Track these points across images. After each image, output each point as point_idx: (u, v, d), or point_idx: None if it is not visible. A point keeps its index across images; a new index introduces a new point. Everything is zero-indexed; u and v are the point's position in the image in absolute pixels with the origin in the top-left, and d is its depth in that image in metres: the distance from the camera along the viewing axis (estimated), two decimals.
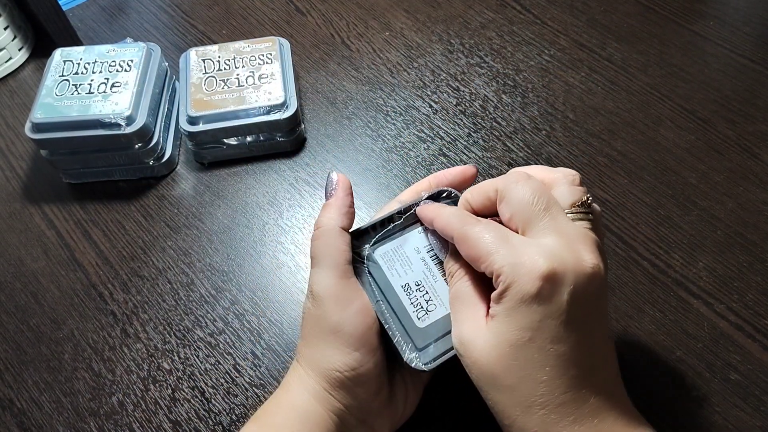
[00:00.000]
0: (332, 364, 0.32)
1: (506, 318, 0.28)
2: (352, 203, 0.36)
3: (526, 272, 0.28)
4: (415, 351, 0.33)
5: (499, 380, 0.29)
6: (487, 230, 0.30)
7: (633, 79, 0.57)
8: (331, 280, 0.33)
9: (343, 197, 0.35)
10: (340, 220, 0.34)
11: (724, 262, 0.45)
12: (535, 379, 0.28)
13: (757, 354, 0.40)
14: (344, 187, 0.36)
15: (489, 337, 0.29)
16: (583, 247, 0.29)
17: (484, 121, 0.55)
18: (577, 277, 0.28)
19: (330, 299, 0.32)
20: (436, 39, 0.62)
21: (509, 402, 0.29)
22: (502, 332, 0.28)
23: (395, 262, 0.35)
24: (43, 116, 0.47)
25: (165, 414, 0.40)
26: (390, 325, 0.33)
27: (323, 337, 0.33)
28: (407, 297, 0.34)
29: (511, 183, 0.31)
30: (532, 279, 0.27)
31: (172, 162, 0.53)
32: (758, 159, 0.50)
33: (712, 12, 0.62)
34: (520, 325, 0.28)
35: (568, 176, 0.32)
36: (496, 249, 0.29)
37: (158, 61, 0.53)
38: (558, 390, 0.28)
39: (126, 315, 0.45)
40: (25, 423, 0.41)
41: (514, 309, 0.28)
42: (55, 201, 0.52)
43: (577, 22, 0.62)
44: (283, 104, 0.50)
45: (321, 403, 0.33)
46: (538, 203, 0.30)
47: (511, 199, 0.31)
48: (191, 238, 0.49)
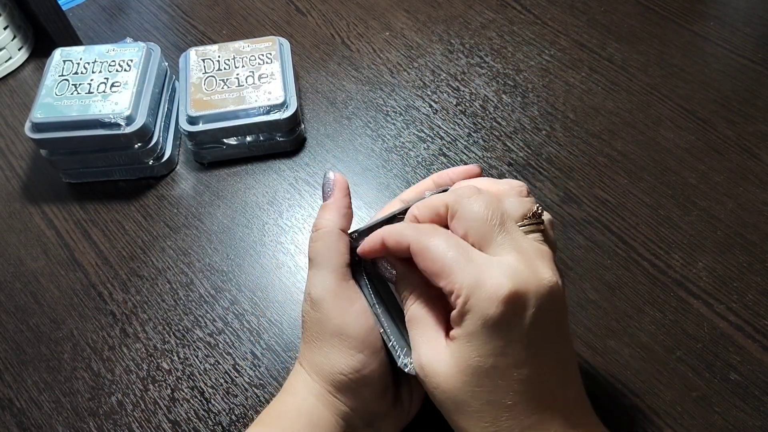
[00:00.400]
0: (336, 368, 0.32)
1: (467, 343, 0.27)
2: (350, 204, 0.35)
3: (488, 295, 0.27)
4: (410, 355, 0.32)
5: (463, 405, 0.28)
6: (448, 243, 0.28)
7: (633, 80, 0.57)
8: (331, 282, 0.32)
9: (341, 198, 0.35)
10: (339, 222, 0.34)
11: (724, 262, 0.45)
12: (500, 404, 0.27)
13: (757, 354, 0.40)
14: (342, 188, 0.35)
15: (451, 361, 0.28)
16: (540, 263, 0.28)
17: (484, 121, 0.54)
18: (538, 298, 0.27)
19: (330, 302, 0.32)
20: (436, 39, 0.62)
21: (473, 427, 0.28)
22: (464, 357, 0.28)
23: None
24: (42, 116, 0.47)
25: (164, 414, 0.40)
26: (385, 329, 0.33)
27: (326, 340, 0.32)
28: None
29: (463, 198, 0.30)
30: (495, 302, 0.26)
31: (172, 162, 0.53)
32: (758, 159, 0.50)
33: (712, 12, 0.62)
34: (483, 351, 0.27)
35: (515, 188, 0.32)
36: (457, 265, 0.28)
37: (158, 61, 0.53)
38: (523, 414, 0.27)
39: (125, 315, 0.45)
40: (24, 423, 0.41)
41: (476, 333, 0.27)
42: (55, 201, 0.52)
43: (577, 22, 0.62)
44: (283, 104, 0.50)
45: (327, 406, 0.32)
46: (492, 219, 0.29)
47: (464, 215, 0.29)
48: (191, 238, 0.49)
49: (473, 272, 0.27)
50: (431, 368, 0.29)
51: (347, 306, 0.32)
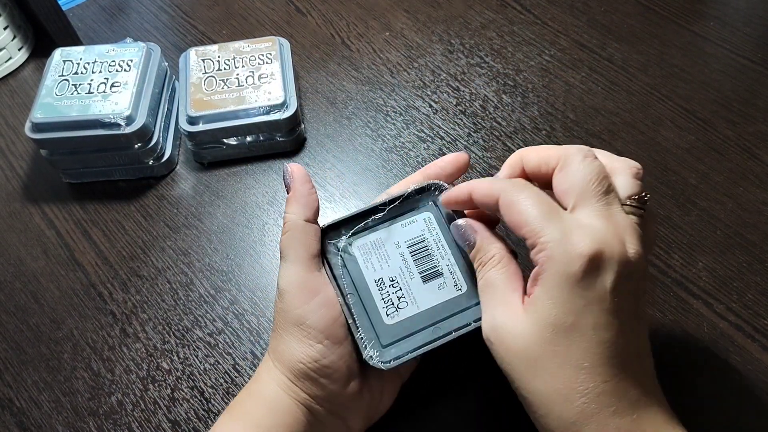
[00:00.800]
0: (295, 356, 0.32)
1: (548, 299, 0.28)
2: (311, 190, 0.35)
3: (571, 250, 0.27)
4: (378, 348, 0.33)
5: (538, 366, 0.28)
6: (537, 198, 0.29)
7: (633, 80, 0.57)
8: (295, 273, 0.33)
9: (300, 188, 0.35)
10: (303, 213, 0.34)
11: (724, 262, 0.45)
12: (577, 365, 0.27)
13: (756, 354, 0.40)
14: (299, 177, 0.35)
15: (528, 321, 0.28)
16: (629, 237, 0.29)
17: (484, 121, 0.54)
18: (621, 264, 0.27)
19: (292, 292, 0.33)
20: (436, 39, 0.62)
21: (547, 390, 0.27)
22: (544, 315, 0.27)
23: (372, 256, 0.35)
24: (42, 116, 0.47)
25: (164, 414, 0.40)
26: (354, 320, 0.33)
27: (287, 329, 0.33)
28: (379, 292, 0.34)
29: (577, 156, 0.30)
30: (578, 259, 0.27)
31: (172, 162, 0.53)
32: (758, 159, 0.50)
33: (713, 12, 0.62)
34: (563, 309, 0.27)
35: (632, 168, 0.32)
36: (544, 219, 0.28)
37: (158, 61, 0.53)
38: (599, 378, 0.27)
39: (125, 315, 0.45)
40: (24, 422, 0.41)
41: (557, 289, 0.27)
42: (55, 201, 0.52)
43: (577, 22, 0.62)
44: (283, 104, 0.50)
45: (288, 393, 0.33)
46: (598, 185, 0.29)
47: (572, 172, 0.30)
48: (191, 238, 0.49)
49: (559, 228, 0.28)
50: (505, 329, 0.29)
51: (310, 297, 0.33)
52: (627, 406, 0.27)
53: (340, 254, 0.35)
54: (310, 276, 0.33)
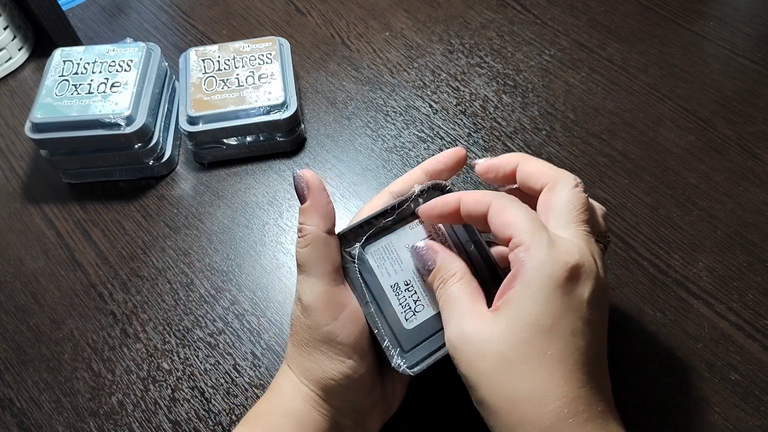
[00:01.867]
0: (327, 373, 0.32)
1: (529, 298, 0.28)
2: (328, 200, 0.33)
3: (557, 256, 0.28)
4: (403, 355, 0.33)
5: (512, 367, 0.27)
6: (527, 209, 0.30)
7: (633, 79, 0.57)
8: (321, 288, 0.32)
9: (319, 198, 0.33)
10: (323, 224, 0.32)
11: (724, 262, 0.45)
12: (553, 368, 0.27)
13: (757, 354, 0.40)
14: (317, 186, 0.33)
15: (502, 323, 0.28)
16: (599, 261, 0.31)
17: (485, 121, 0.54)
18: (596, 280, 0.29)
19: (320, 309, 0.32)
20: (436, 39, 0.62)
21: (520, 393, 0.27)
22: (523, 313, 0.28)
23: (386, 261, 0.34)
24: (42, 116, 0.47)
25: (165, 414, 0.40)
26: (379, 330, 0.33)
27: (316, 346, 0.32)
28: (396, 298, 0.34)
29: (570, 182, 0.32)
30: (563, 264, 0.28)
31: (172, 162, 0.53)
32: (758, 159, 0.50)
33: (712, 12, 0.62)
34: (544, 309, 0.27)
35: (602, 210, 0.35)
36: (533, 224, 0.29)
37: (158, 61, 0.53)
38: (574, 383, 0.27)
39: (126, 315, 0.45)
40: (24, 423, 0.41)
41: (539, 289, 0.28)
42: (55, 201, 0.52)
43: (577, 22, 0.62)
44: (283, 104, 0.50)
45: (315, 407, 0.33)
46: (582, 213, 0.31)
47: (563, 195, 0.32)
48: (191, 238, 0.49)
49: (546, 236, 0.29)
50: (475, 333, 0.29)
51: (337, 312, 0.32)
52: (596, 416, 0.27)
53: (356, 263, 0.34)
54: (336, 290, 0.32)
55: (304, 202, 0.33)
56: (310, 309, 0.32)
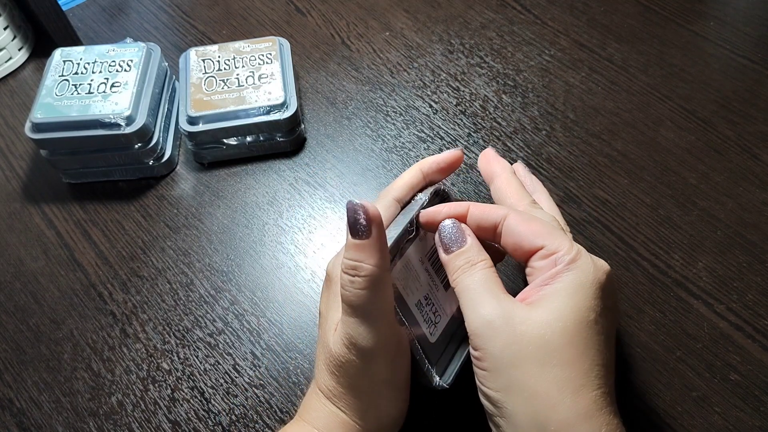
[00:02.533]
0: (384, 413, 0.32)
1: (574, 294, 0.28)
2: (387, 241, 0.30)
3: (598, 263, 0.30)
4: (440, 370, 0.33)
5: (554, 353, 0.27)
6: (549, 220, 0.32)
7: (633, 80, 0.57)
8: (383, 333, 0.30)
9: (381, 236, 0.29)
10: (383, 263, 0.29)
11: (724, 262, 0.45)
12: (594, 358, 0.28)
13: (756, 354, 0.40)
14: (380, 224, 0.29)
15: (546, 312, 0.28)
16: None
17: (485, 121, 0.54)
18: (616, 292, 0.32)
19: (383, 354, 0.30)
20: (436, 39, 0.62)
21: (560, 379, 0.27)
22: (569, 307, 0.28)
23: (408, 280, 0.33)
24: (42, 116, 0.47)
25: (164, 414, 0.40)
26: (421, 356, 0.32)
27: (375, 391, 0.32)
28: (421, 315, 0.33)
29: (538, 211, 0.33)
30: (603, 271, 0.30)
31: (172, 162, 0.53)
32: (758, 159, 0.50)
33: (713, 12, 0.62)
34: (587, 305, 0.28)
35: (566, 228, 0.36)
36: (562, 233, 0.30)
37: (158, 61, 0.53)
38: (606, 378, 0.28)
39: (125, 315, 0.45)
40: (24, 423, 0.41)
41: (583, 288, 0.29)
42: (55, 201, 0.52)
43: (577, 22, 0.62)
44: (283, 104, 0.50)
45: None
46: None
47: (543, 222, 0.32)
48: (191, 238, 0.49)
49: (576, 245, 0.30)
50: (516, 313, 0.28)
51: (395, 354, 0.31)
52: (616, 413, 0.29)
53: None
54: (394, 332, 0.31)
55: (362, 237, 0.29)
56: (371, 355, 0.30)
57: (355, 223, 0.29)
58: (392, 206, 0.34)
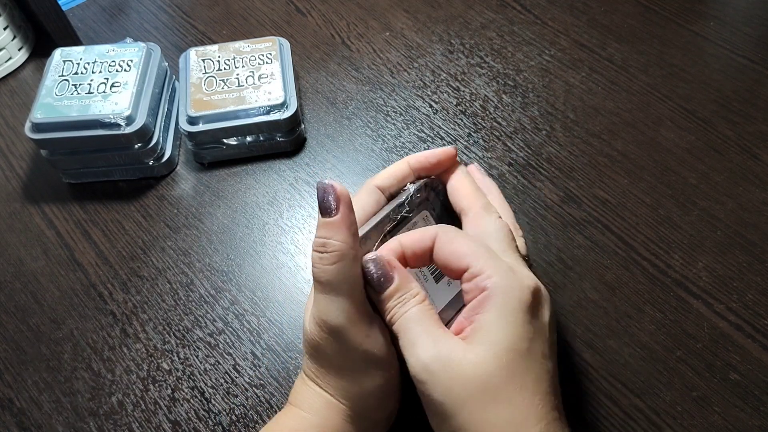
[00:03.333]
0: (366, 389, 0.32)
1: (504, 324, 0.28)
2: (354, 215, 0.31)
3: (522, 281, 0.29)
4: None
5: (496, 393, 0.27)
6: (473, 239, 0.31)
7: (633, 79, 0.57)
8: (352, 309, 0.30)
9: (349, 214, 0.30)
10: (352, 240, 0.30)
11: (724, 262, 0.45)
12: (533, 390, 0.27)
13: (756, 354, 0.40)
14: (348, 203, 0.30)
15: (479, 348, 0.28)
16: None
17: (485, 121, 0.54)
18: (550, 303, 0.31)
19: (353, 330, 0.30)
20: (436, 39, 0.62)
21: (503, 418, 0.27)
22: (500, 339, 0.28)
23: None
24: (42, 116, 0.47)
25: (164, 414, 0.40)
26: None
27: (352, 367, 0.31)
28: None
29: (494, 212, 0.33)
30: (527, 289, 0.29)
31: (172, 162, 0.53)
32: (758, 159, 0.50)
33: (713, 12, 0.62)
34: (519, 333, 0.28)
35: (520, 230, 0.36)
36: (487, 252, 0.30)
37: (158, 61, 0.53)
38: (550, 405, 0.28)
39: (125, 315, 0.45)
40: (24, 423, 0.41)
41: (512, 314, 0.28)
42: (55, 201, 0.52)
43: (577, 22, 0.62)
44: (283, 104, 0.50)
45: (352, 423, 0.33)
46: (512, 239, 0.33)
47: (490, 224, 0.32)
48: (191, 238, 0.49)
49: (503, 263, 0.29)
50: (452, 357, 0.28)
51: (368, 329, 0.31)
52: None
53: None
54: (364, 308, 0.31)
55: (332, 215, 0.30)
56: (341, 332, 0.30)
57: (323, 201, 0.30)
58: (373, 193, 0.34)
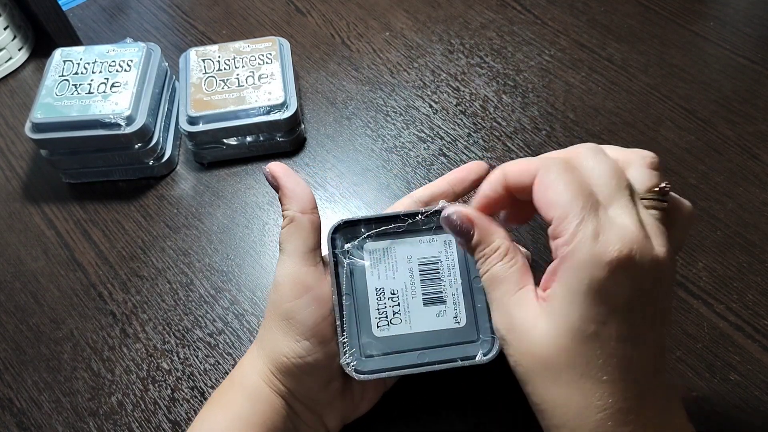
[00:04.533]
0: (280, 350, 0.32)
1: (568, 303, 0.25)
2: (299, 182, 0.34)
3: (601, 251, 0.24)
4: (358, 357, 0.32)
5: (557, 374, 0.25)
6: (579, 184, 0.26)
7: (633, 80, 0.57)
8: (291, 266, 0.33)
9: (288, 184, 0.34)
10: (297, 206, 0.33)
11: (724, 262, 0.45)
12: (597, 378, 0.25)
13: (756, 354, 0.40)
14: (284, 173, 0.34)
15: (546, 322, 0.26)
16: (655, 236, 0.26)
17: (485, 121, 0.54)
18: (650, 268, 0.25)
19: (286, 285, 0.33)
20: (436, 39, 0.62)
21: (564, 400, 0.25)
22: (563, 318, 0.25)
23: (381, 263, 0.34)
24: (43, 116, 0.47)
25: (164, 414, 0.40)
26: (342, 323, 0.32)
27: (276, 323, 0.33)
28: (376, 301, 0.33)
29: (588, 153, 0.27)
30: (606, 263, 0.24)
31: (172, 162, 0.53)
32: (758, 159, 0.50)
33: (712, 12, 0.62)
34: (585, 315, 0.25)
35: (646, 158, 0.28)
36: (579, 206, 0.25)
37: (158, 61, 0.53)
38: (619, 393, 0.25)
39: (125, 315, 0.45)
40: (24, 423, 0.41)
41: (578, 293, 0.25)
42: (55, 201, 0.52)
43: (577, 22, 0.62)
44: (283, 104, 0.50)
45: (268, 384, 0.33)
46: (617, 182, 0.26)
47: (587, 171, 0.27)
48: (191, 238, 0.49)
49: (592, 224, 0.25)
50: (523, 328, 0.26)
51: (302, 291, 0.32)
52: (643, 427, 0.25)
53: (348, 253, 0.34)
54: (305, 270, 0.33)
55: (276, 190, 0.34)
56: (277, 285, 0.33)
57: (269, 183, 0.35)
58: (412, 205, 0.36)
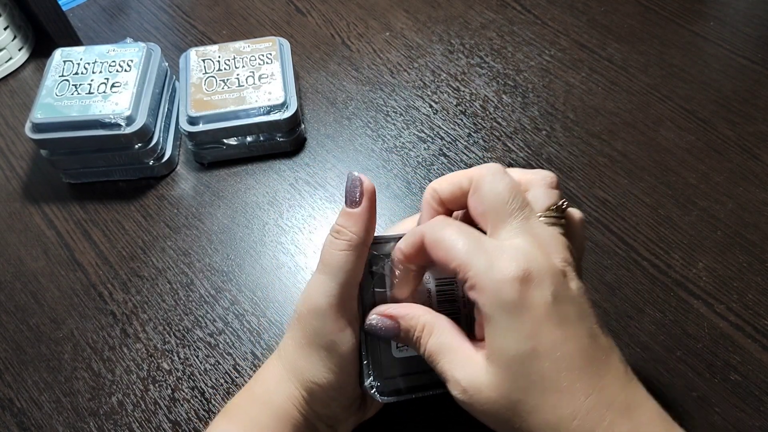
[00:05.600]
0: (317, 378, 0.32)
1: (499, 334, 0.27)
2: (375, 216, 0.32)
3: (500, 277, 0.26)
4: (380, 379, 0.32)
5: (521, 405, 0.26)
6: (459, 231, 0.28)
7: (633, 80, 0.57)
8: (340, 295, 0.31)
9: (370, 209, 0.31)
10: (366, 236, 0.31)
11: (724, 262, 0.45)
12: (556, 389, 0.26)
13: (756, 354, 0.40)
14: (371, 198, 0.31)
15: (492, 365, 0.27)
16: (553, 248, 0.28)
17: (485, 121, 0.54)
18: (552, 275, 0.27)
19: (333, 315, 0.31)
20: (436, 39, 0.62)
21: (538, 425, 0.26)
22: (504, 350, 0.26)
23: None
24: (43, 116, 0.47)
25: (164, 414, 0.40)
26: (367, 347, 0.32)
27: (315, 350, 0.32)
28: None
29: (487, 176, 0.29)
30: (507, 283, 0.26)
31: (172, 162, 0.53)
32: (758, 159, 0.50)
33: (712, 12, 0.62)
34: (517, 337, 0.26)
35: (545, 178, 0.31)
36: (468, 251, 0.27)
37: (158, 61, 0.53)
38: (581, 395, 0.26)
39: (126, 315, 0.45)
40: (24, 423, 0.41)
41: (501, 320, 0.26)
42: (55, 201, 0.52)
43: (577, 22, 0.62)
44: (283, 104, 0.50)
45: (296, 407, 0.33)
46: (512, 202, 0.28)
47: (485, 194, 0.29)
48: (191, 238, 0.49)
49: (484, 258, 0.27)
50: (474, 385, 0.27)
51: (346, 323, 0.31)
52: (620, 414, 0.26)
53: (376, 273, 0.32)
54: (351, 301, 0.31)
55: (355, 207, 0.31)
56: (322, 312, 0.31)
57: (350, 191, 0.31)
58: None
